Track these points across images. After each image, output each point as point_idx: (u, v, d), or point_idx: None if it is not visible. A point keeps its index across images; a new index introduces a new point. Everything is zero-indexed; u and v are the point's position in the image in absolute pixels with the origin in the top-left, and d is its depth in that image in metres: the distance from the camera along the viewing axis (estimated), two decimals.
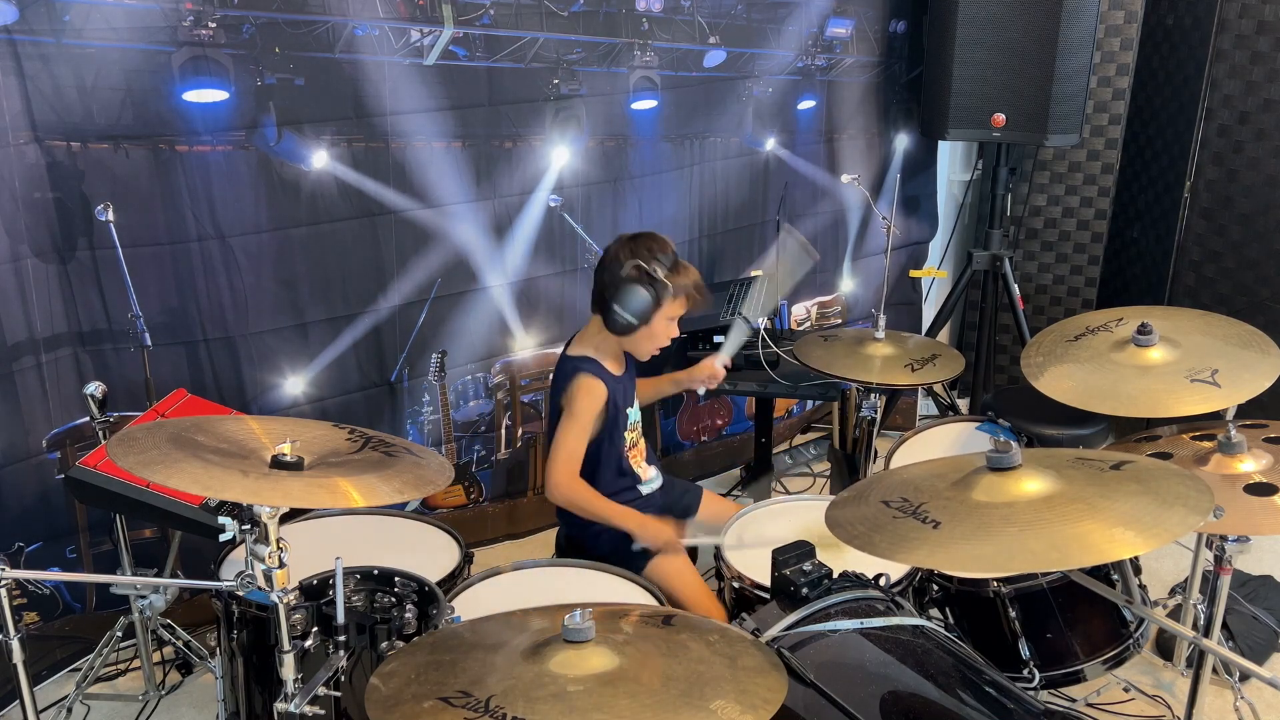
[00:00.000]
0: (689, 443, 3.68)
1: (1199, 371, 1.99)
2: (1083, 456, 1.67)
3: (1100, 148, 3.86)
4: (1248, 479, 1.84)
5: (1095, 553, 1.45)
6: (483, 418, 3.17)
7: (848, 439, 3.38)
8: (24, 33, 2.23)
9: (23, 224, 2.35)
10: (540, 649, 1.45)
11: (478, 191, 2.91)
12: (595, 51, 2.99)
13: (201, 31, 2.40)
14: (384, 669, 1.50)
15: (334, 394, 2.85)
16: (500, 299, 3.06)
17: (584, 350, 2.36)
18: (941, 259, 4.14)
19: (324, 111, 2.61)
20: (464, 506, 3.22)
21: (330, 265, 2.74)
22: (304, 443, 1.65)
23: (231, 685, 2.10)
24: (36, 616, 2.61)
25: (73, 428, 2.55)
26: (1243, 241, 3.47)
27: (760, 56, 3.36)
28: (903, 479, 1.69)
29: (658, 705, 1.34)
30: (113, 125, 2.37)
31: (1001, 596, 2.24)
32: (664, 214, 3.29)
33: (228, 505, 1.76)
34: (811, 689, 1.54)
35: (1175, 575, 2.92)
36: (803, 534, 2.02)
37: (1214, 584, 1.93)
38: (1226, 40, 3.40)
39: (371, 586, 1.98)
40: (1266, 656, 2.66)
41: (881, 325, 2.65)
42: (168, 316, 2.57)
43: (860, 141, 3.75)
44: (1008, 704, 1.59)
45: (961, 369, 2.62)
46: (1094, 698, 2.48)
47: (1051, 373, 2.12)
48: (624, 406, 2.39)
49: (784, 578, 1.75)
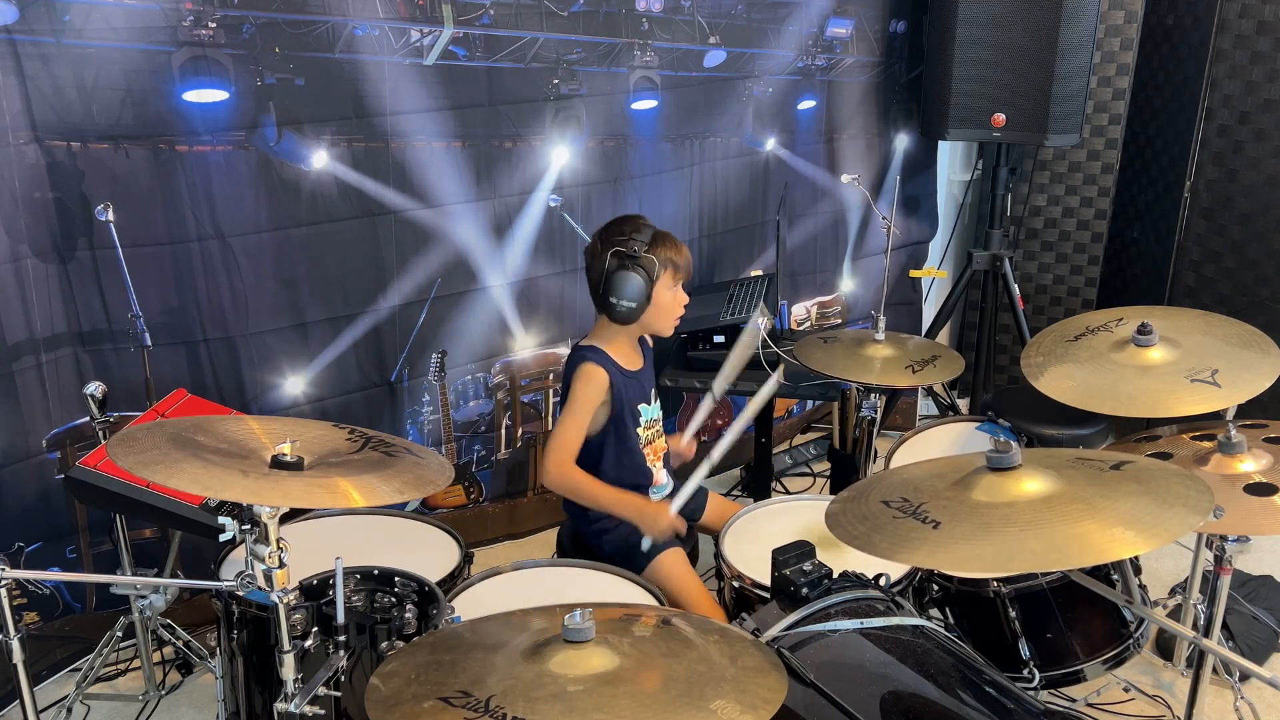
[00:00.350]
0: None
1: (1199, 371, 1.99)
2: (1083, 456, 1.67)
3: (1100, 148, 3.86)
4: (1248, 479, 1.84)
5: (1095, 553, 1.45)
6: (483, 418, 3.17)
7: (848, 439, 3.39)
8: (24, 33, 2.23)
9: (23, 224, 2.35)
10: (540, 649, 1.45)
11: (478, 191, 2.91)
12: (595, 51, 2.99)
13: (201, 31, 2.40)
14: (384, 669, 1.50)
15: (334, 394, 2.85)
16: (500, 299, 3.06)
17: (593, 343, 2.37)
18: (941, 259, 4.14)
19: (324, 111, 2.61)
20: (464, 506, 3.22)
21: (330, 265, 2.74)
22: (304, 443, 1.65)
23: (231, 685, 2.09)
24: (36, 616, 2.61)
25: (73, 428, 2.55)
26: (1243, 241, 3.47)
27: (760, 56, 3.36)
28: (903, 479, 1.69)
29: (658, 705, 1.34)
30: (113, 125, 2.37)
31: (1001, 596, 2.24)
32: (664, 214, 3.29)
33: (228, 505, 1.76)
34: (811, 689, 1.54)
35: (1175, 575, 2.92)
36: (803, 534, 2.02)
37: (1214, 584, 1.93)
38: (1226, 40, 3.40)
39: (371, 586, 1.98)
40: (1266, 656, 2.66)
41: (881, 327, 2.64)
42: (168, 316, 2.57)
43: (860, 141, 3.75)
44: (1008, 704, 1.59)
45: (961, 370, 2.61)
46: (1094, 698, 2.48)
47: (1052, 373, 2.12)
48: (635, 402, 2.38)
49: (784, 578, 1.75)
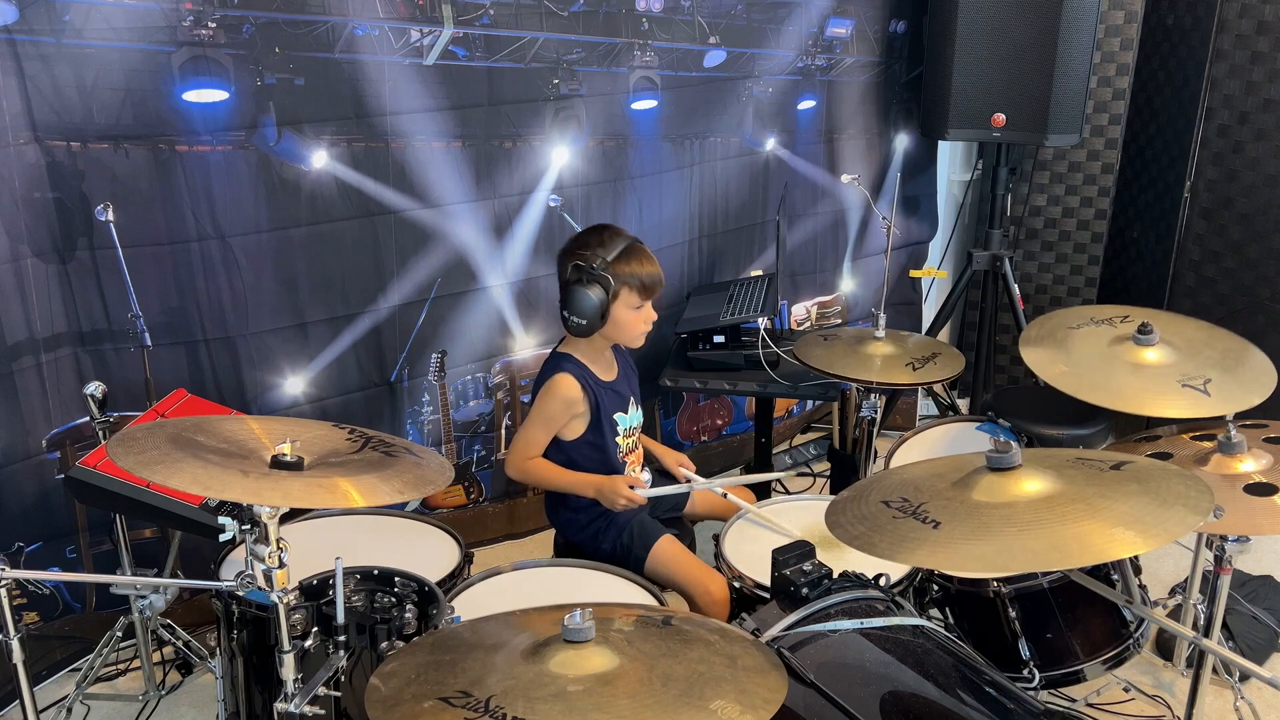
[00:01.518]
0: (689, 443, 3.69)
1: (1192, 378, 2.00)
2: (1083, 456, 1.67)
3: (1100, 148, 3.86)
4: (1248, 479, 1.84)
5: (1095, 553, 1.45)
6: (483, 418, 3.17)
7: (848, 439, 3.39)
8: (24, 33, 2.23)
9: (23, 224, 2.35)
10: (540, 649, 1.45)
11: (478, 191, 2.91)
12: (595, 51, 2.99)
13: (201, 31, 2.40)
14: (384, 669, 1.50)
15: (334, 394, 2.85)
16: (500, 299, 3.06)
17: (570, 350, 2.37)
18: (941, 259, 4.14)
19: (324, 111, 2.61)
20: (464, 506, 3.22)
21: (330, 265, 2.74)
22: (304, 443, 1.65)
23: (231, 685, 2.09)
24: (36, 616, 2.61)
25: (73, 428, 2.55)
26: (1243, 241, 3.47)
27: (760, 56, 3.36)
28: (903, 479, 1.69)
29: (658, 705, 1.34)
30: (113, 125, 2.37)
31: (1001, 596, 2.24)
32: (664, 214, 3.29)
33: (228, 505, 1.76)
34: (811, 689, 1.54)
35: (1175, 575, 2.92)
36: (803, 534, 2.02)
37: (1214, 584, 1.93)
38: (1226, 40, 3.40)
39: (371, 586, 1.98)
40: (1266, 656, 2.66)
41: (882, 324, 2.64)
42: (168, 316, 2.57)
43: (860, 141, 3.75)
44: (1008, 704, 1.59)
45: (961, 368, 2.61)
46: (1094, 698, 2.48)
47: (1048, 354, 2.12)
48: (612, 411, 2.39)
49: (784, 578, 1.75)
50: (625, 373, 2.47)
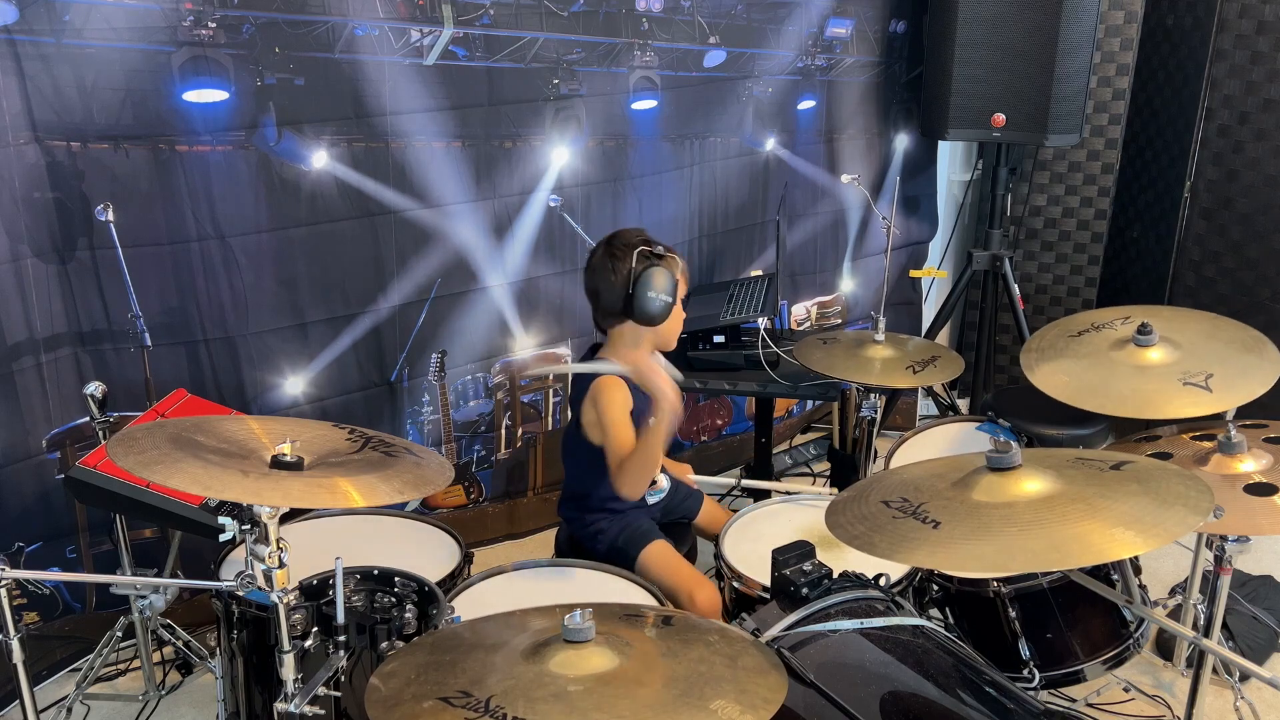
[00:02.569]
0: (689, 442, 3.69)
1: (1193, 375, 1.99)
2: (1083, 456, 1.67)
3: (1100, 148, 3.86)
4: (1248, 479, 1.84)
5: (1095, 553, 1.45)
6: (483, 418, 3.17)
7: (848, 439, 3.39)
8: (24, 33, 2.23)
9: (23, 224, 2.35)
10: (540, 649, 1.45)
11: (478, 191, 2.91)
12: (595, 51, 2.99)
13: (201, 31, 2.40)
14: (384, 669, 1.50)
15: (334, 394, 2.85)
16: (500, 299, 3.06)
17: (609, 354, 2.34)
18: (941, 259, 4.14)
19: (324, 111, 2.61)
20: (464, 506, 3.22)
21: (330, 265, 2.74)
22: (304, 443, 1.65)
23: (231, 685, 2.09)
24: (36, 616, 2.61)
25: (73, 428, 2.55)
26: (1243, 241, 3.47)
27: (760, 56, 3.36)
28: (903, 479, 1.69)
29: (658, 705, 1.34)
30: (113, 125, 2.37)
31: (1001, 596, 2.24)
32: (664, 214, 3.29)
33: (228, 505, 1.76)
34: (811, 689, 1.54)
35: (1175, 575, 2.91)
36: (803, 534, 2.02)
37: (1214, 584, 1.93)
38: (1226, 40, 3.40)
39: (371, 586, 1.98)
40: (1266, 656, 2.66)
41: (881, 327, 2.64)
42: (168, 316, 2.57)
43: (860, 141, 3.75)
44: (1008, 704, 1.59)
45: (960, 371, 2.61)
46: (1094, 698, 2.48)
47: (1048, 367, 2.12)
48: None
49: (784, 578, 1.75)
50: None
